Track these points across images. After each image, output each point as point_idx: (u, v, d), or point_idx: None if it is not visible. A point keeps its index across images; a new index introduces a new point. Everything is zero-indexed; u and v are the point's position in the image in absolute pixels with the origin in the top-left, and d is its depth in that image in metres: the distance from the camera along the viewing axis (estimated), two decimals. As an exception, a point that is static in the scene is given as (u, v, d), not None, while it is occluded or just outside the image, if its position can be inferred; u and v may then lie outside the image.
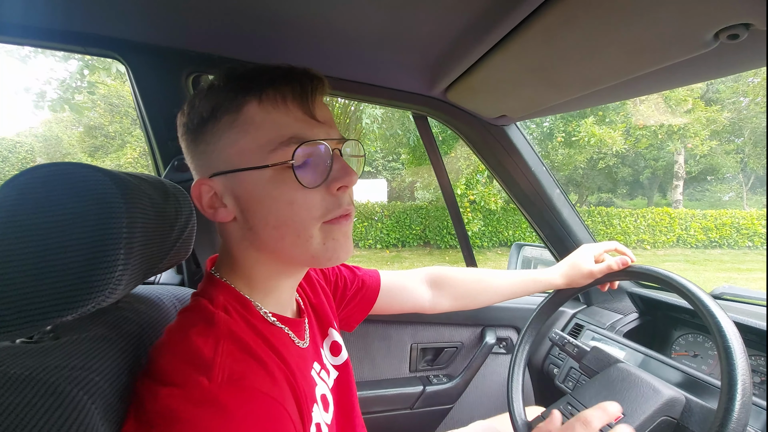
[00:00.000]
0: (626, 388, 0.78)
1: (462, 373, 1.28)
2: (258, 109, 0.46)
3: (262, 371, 0.45)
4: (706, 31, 0.48)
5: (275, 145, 0.46)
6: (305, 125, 0.47)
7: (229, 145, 0.47)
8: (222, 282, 0.53)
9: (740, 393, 0.56)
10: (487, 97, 0.88)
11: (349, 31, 0.72)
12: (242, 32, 0.76)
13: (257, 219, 0.48)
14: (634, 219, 10.61)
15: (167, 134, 0.89)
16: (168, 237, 0.59)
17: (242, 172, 0.47)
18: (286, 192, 0.47)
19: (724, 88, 13.57)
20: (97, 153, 13.78)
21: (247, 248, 0.52)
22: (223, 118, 0.46)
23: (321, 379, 0.60)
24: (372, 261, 8.99)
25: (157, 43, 0.81)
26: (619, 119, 10.70)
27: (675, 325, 1.12)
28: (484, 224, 9.72)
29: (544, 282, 0.92)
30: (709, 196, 18.56)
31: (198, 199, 0.50)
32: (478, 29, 0.65)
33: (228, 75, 0.48)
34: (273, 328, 0.53)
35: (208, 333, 0.45)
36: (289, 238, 0.48)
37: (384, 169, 17.25)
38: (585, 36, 0.57)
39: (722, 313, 0.64)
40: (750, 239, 10.70)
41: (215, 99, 0.47)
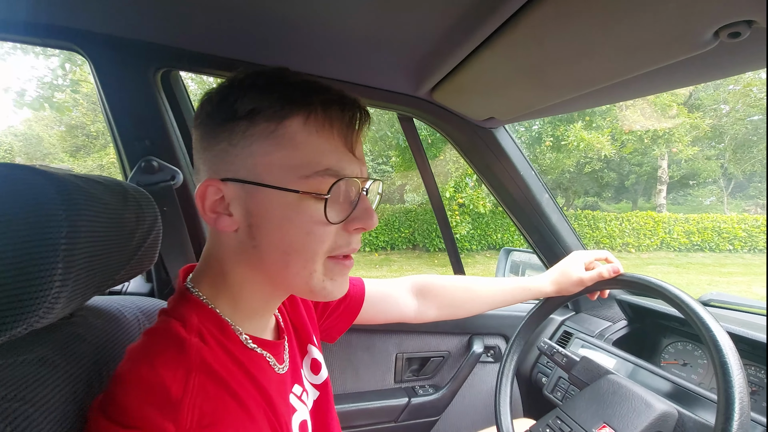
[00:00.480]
0: (617, 402, 0.76)
1: (449, 383, 1.24)
2: (302, 127, 0.43)
3: (238, 409, 0.41)
4: (706, 29, 0.45)
5: (310, 172, 0.43)
6: (344, 158, 0.45)
7: (260, 154, 0.43)
8: (198, 300, 0.48)
9: (738, 412, 0.54)
10: (474, 98, 0.85)
11: (332, 28, 0.68)
12: (218, 27, 0.72)
13: (266, 239, 0.45)
14: (619, 222, 10.78)
15: (134, 133, 0.83)
16: (127, 245, 0.54)
17: (265, 187, 0.43)
18: (306, 221, 0.44)
19: (705, 95, 13.92)
20: (78, 153, 13.47)
21: (242, 264, 0.47)
22: (261, 124, 0.43)
23: (302, 403, 0.56)
24: (361, 264, 8.93)
25: (122, 35, 0.75)
26: (605, 124, 10.86)
27: (664, 332, 1.10)
28: (472, 227, 9.75)
29: (533, 290, 0.89)
30: (691, 200, 18.98)
31: (201, 199, 0.45)
32: (464, 27, 0.62)
33: (276, 78, 0.45)
34: (251, 354, 0.49)
35: (177, 364, 0.40)
36: (294, 267, 0.46)
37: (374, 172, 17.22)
38: (577, 34, 0.54)
39: (717, 326, 0.62)
40: (730, 243, 10.96)
41: (257, 99, 0.43)
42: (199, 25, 0.72)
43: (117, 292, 1.01)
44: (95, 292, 0.51)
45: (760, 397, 0.86)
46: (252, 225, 0.45)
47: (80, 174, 0.50)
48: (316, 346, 0.67)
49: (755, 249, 11.02)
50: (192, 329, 0.44)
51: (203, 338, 0.44)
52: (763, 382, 0.86)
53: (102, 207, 0.48)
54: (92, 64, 0.79)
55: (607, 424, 0.73)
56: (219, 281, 0.49)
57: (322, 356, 0.68)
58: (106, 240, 0.48)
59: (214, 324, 0.46)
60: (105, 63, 0.79)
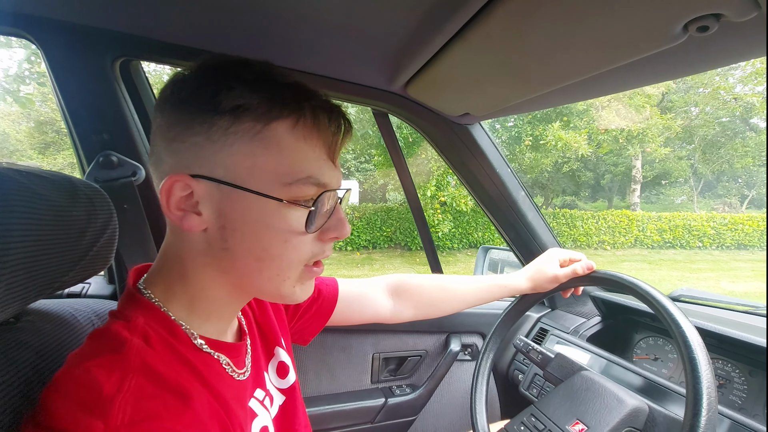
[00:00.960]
0: (590, 398, 0.76)
1: (426, 382, 1.23)
2: (290, 132, 0.41)
3: (182, 407, 0.38)
4: (675, 23, 0.45)
5: (292, 180, 0.41)
6: (325, 167, 0.44)
7: (242, 155, 0.40)
8: (148, 302, 0.44)
9: (705, 407, 0.54)
10: (448, 94, 0.84)
11: (302, 19, 0.66)
12: (181, 15, 0.68)
13: (240, 243, 0.42)
14: (595, 221, 11.07)
15: (90, 126, 0.78)
16: (76, 245, 0.50)
17: (243, 191, 0.41)
18: (285, 230, 0.43)
19: (676, 98, 14.43)
20: (48, 150, 12.92)
21: (207, 266, 0.45)
22: (246, 123, 0.40)
23: (264, 408, 0.53)
24: (342, 263, 8.89)
25: (76, 21, 0.71)
26: (582, 124, 11.12)
27: (636, 328, 1.12)
28: (454, 226, 9.83)
29: (509, 287, 0.89)
30: (664, 199, 19.68)
31: (166, 194, 0.41)
32: (436, 19, 0.60)
33: (265, 74, 0.42)
34: (205, 357, 0.46)
35: (113, 366, 0.37)
36: (267, 274, 0.44)
37: (356, 171, 17.15)
38: (548, 28, 0.53)
39: (686, 322, 0.62)
40: (700, 240, 11.42)
41: (245, 96, 0.40)
42: (161, 13, 0.68)
43: (76, 294, 0.96)
44: (39, 295, 0.47)
45: (728, 390, 0.87)
46: (225, 227, 0.42)
47: (22, 168, 0.46)
48: (285, 348, 0.65)
49: (723, 246, 11.51)
50: (136, 331, 0.40)
51: (148, 340, 0.41)
52: (729, 375, 0.88)
53: (44, 203, 0.44)
54: (44, 52, 0.74)
55: (580, 421, 0.73)
56: (175, 282, 0.46)
57: (290, 359, 0.65)
58: (50, 239, 0.45)
59: (162, 326, 0.43)
60: (58, 51, 0.74)
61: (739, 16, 0.41)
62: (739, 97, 13.54)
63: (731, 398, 0.86)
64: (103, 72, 0.76)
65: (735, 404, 0.85)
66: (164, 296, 0.45)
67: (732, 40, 0.47)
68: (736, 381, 0.87)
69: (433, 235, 9.62)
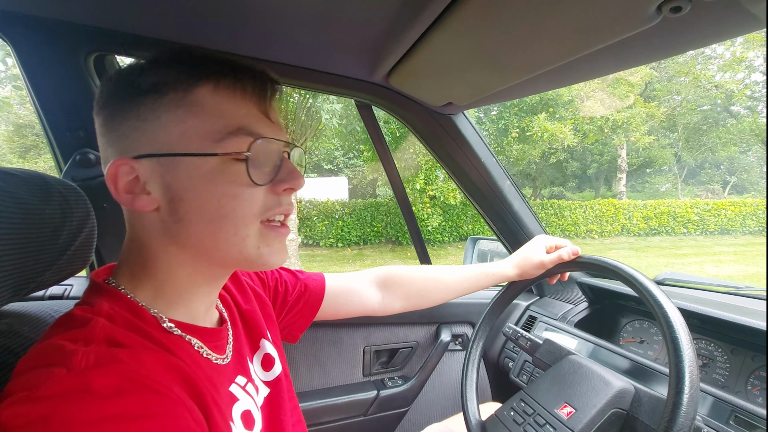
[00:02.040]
0: (577, 381, 0.77)
1: (418, 373, 1.24)
2: (212, 94, 0.42)
3: (144, 355, 0.37)
4: (649, 4, 0.45)
5: (223, 135, 0.42)
6: (258, 121, 0.45)
7: (171, 124, 0.42)
8: (113, 289, 0.44)
9: (688, 385, 0.55)
10: (430, 83, 0.83)
11: (279, 10, 0.64)
12: (154, 6, 0.66)
13: (190, 211, 0.43)
14: (583, 210, 11.22)
15: (65, 124, 0.76)
16: (51, 245, 0.49)
17: (181, 157, 0.42)
18: (230, 185, 0.43)
19: (659, 86, 14.64)
20: (28, 154, 12.61)
21: (167, 245, 0.45)
22: (169, 94, 0.41)
23: (247, 394, 0.52)
24: (333, 260, 8.87)
25: (46, 15, 0.68)
26: (568, 115, 11.22)
27: (622, 312, 1.14)
28: (444, 219, 9.87)
29: (497, 275, 0.90)
30: (649, 187, 20.03)
31: (113, 181, 0.42)
32: (415, 5, 0.60)
33: (179, 53, 0.44)
34: (175, 339, 0.45)
35: (76, 336, 0.36)
36: (223, 234, 0.44)
37: (345, 167, 17.09)
38: (526, 12, 0.52)
39: (669, 303, 0.63)
40: (684, 226, 11.66)
41: (160, 74, 0.42)
42: (134, 5, 0.66)
43: (58, 296, 0.94)
44: (13, 296, 0.46)
45: (711, 369, 0.89)
46: (174, 199, 0.42)
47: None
48: (270, 341, 0.64)
49: (706, 231, 11.78)
50: (100, 313, 0.40)
51: (113, 320, 0.40)
52: (712, 355, 0.90)
53: (12, 203, 0.43)
54: (14, 48, 0.71)
55: (568, 404, 0.74)
56: (140, 269, 0.45)
57: (277, 353, 0.64)
58: (21, 239, 0.44)
59: (127, 310, 0.43)
60: (29, 47, 0.72)
61: (710, -5, 0.41)
62: (719, 85, 13.81)
63: (714, 376, 0.88)
64: (76, 67, 0.74)
65: (718, 382, 0.87)
66: (130, 284, 0.45)
67: (704, 20, 0.48)
68: (718, 360, 0.89)
69: (423, 228, 9.65)
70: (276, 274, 0.74)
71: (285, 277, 0.75)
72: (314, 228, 9.76)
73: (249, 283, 0.67)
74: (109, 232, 0.81)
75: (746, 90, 14.21)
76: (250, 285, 0.67)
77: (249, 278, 0.68)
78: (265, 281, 0.72)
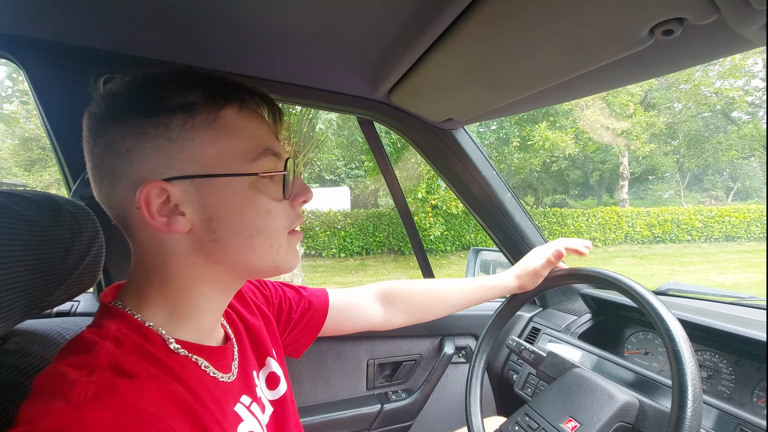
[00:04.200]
0: (582, 394, 0.77)
1: (421, 386, 1.23)
2: (238, 116, 0.45)
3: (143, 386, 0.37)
4: (642, 27, 0.47)
5: (256, 155, 0.45)
6: (275, 141, 0.49)
7: (206, 145, 0.42)
8: (120, 311, 0.44)
9: (691, 399, 0.55)
10: (431, 100, 0.85)
11: (278, 30, 0.66)
12: (161, 30, 0.68)
13: (229, 229, 0.44)
14: (585, 218, 11.18)
15: (75, 144, 0.78)
16: (61, 264, 0.50)
17: (219, 177, 0.43)
18: (263, 202, 0.46)
19: (659, 95, 14.70)
20: (33, 167, 12.73)
21: (194, 264, 0.45)
22: (200, 115, 0.42)
23: (252, 414, 0.52)
24: (336, 270, 8.85)
25: (56, 40, 0.71)
26: (569, 124, 11.27)
27: (626, 323, 1.14)
28: (446, 228, 9.86)
29: (498, 287, 0.90)
30: (652, 194, 19.98)
31: (146, 205, 0.41)
32: (416, 26, 0.62)
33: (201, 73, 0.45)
34: (181, 360, 0.45)
35: (82, 363, 0.37)
36: (260, 249, 0.47)
37: (347, 177, 17.16)
38: (521, 33, 0.54)
39: (670, 315, 0.63)
40: (688, 233, 11.59)
41: (188, 94, 0.43)
42: (142, 29, 0.68)
43: (65, 313, 0.95)
44: (25, 316, 0.47)
45: (716, 380, 0.89)
46: (212, 219, 0.43)
47: (4, 189, 0.47)
48: (276, 359, 0.64)
49: (711, 238, 11.70)
50: (107, 336, 0.40)
51: (120, 344, 0.40)
52: (717, 366, 0.90)
53: (26, 225, 0.44)
54: (26, 71, 0.74)
55: (573, 418, 0.74)
56: (152, 290, 0.45)
57: (282, 371, 0.65)
58: (34, 260, 0.45)
59: (134, 331, 0.43)
60: (39, 70, 0.74)
61: (700, 20, 0.43)
62: (719, 92, 13.86)
63: (720, 389, 0.88)
64: (86, 89, 0.76)
65: (723, 394, 0.87)
66: (137, 304, 0.45)
67: (696, 42, 0.49)
68: (723, 371, 0.88)
69: (426, 238, 9.64)
70: (280, 291, 0.74)
71: (289, 294, 0.75)
72: (316, 239, 9.76)
73: (254, 300, 0.67)
74: (116, 249, 0.82)
75: (746, 96, 14.26)
76: (254, 302, 0.67)
77: (253, 296, 0.68)
78: (270, 298, 0.71)
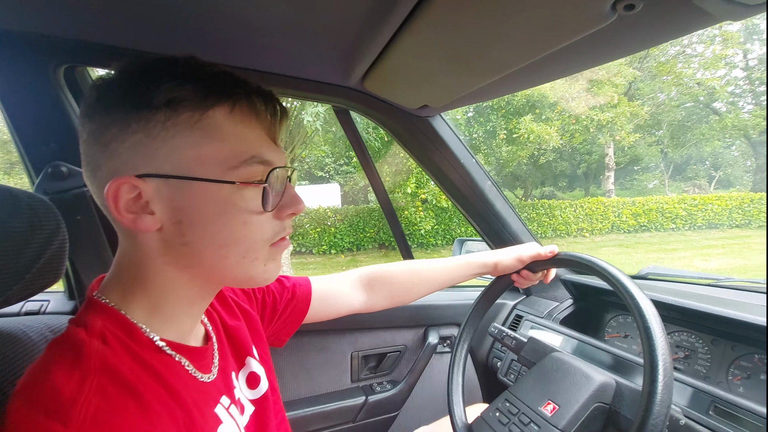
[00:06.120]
0: (560, 377, 0.77)
1: (406, 377, 1.23)
2: (227, 117, 0.42)
3: (139, 411, 0.37)
4: (603, 2, 0.46)
5: (238, 162, 0.42)
6: (267, 147, 0.45)
7: (186, 147, 0.40)
8: (105, 305, 0.43)
9: (662, 374, 0.56)
10: (405, 86, 0.84)
11: (245, 17, 0.65)
12: (123, 17, 0.66)
13: (200, 235, 0.43)
14: (573, 209, 11.34)
15: (37, 137, 0.76)
16: (17, 257, 0.49)
17: (194, 181, 0.41)
18: (241, 212, 0.43)
19: (643, 85, 14.91)
20: (13, 170, 12.44)
21: (167, 264, 0.44)
22: (184, 114, 0.40)
23: (230, 416, 0.52)
24: (327, 267, 8.83)
25: (14, 28, 0.68)
26: (554, 116, 11.37)
27: (606, 308, 1.15)
28: (436, 222, 9.89)
29: (477, 263, 0.90)
30: (637, 184, 20.32)
31: (114, 199, 0.40)
32: (383, 7, 0.60)
33: (193, 67, 0.42)
34: (165, 359, 0.45)
35: (73, 367, 0.36)
36: (233, 258, 0.44)
37: (336, 174, 17.08)
38: (486, 15, 0.53)
39: (641, 294, 0.64)
40: (673, 222, 11.84)
41: (175, 90, 0.40)
42: (102, 16, 0.66)
43: (34, 312, 0.93)
44: None
45: (693, 360, 0.90)
46: (182, 222, 0.42)
47: None
48: (257, 359, 0.64)
49: (694, 226, 11.96)
50: (94, 333, 0.40)
51: (106, 341, 0.40)
52: (693, 346, 0.91)
53: None
54: None
55: (552, 401, 0.74)
56: (134, 287, 0.44)
57: (264, 369, 0.64)
58: None
59: (120, 328, 0.42)
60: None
61: (660, -8, 0.42)
62: (701, 83, 14.11)
63: (696, 368, 0.89)
64: (46, 80, 0.74)
65: (700, 373, 0.88)
66: (122, 301, 0.44)
67: (659, 17, 0.49)
68: (699, 351, 0.90)
69: (416, 233, 9.66)
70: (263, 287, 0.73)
71: (271, 286, 0.74)
72: (306, 236, 9.72)
73: (234, 299, 0.66)
74: (84, 245, 0.80)
75: (727, 86, 14.54)
76: (235, 301, 0.66)
77: (234, 294, 0.67)
78: (252, 296, 0.71)
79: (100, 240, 0.81)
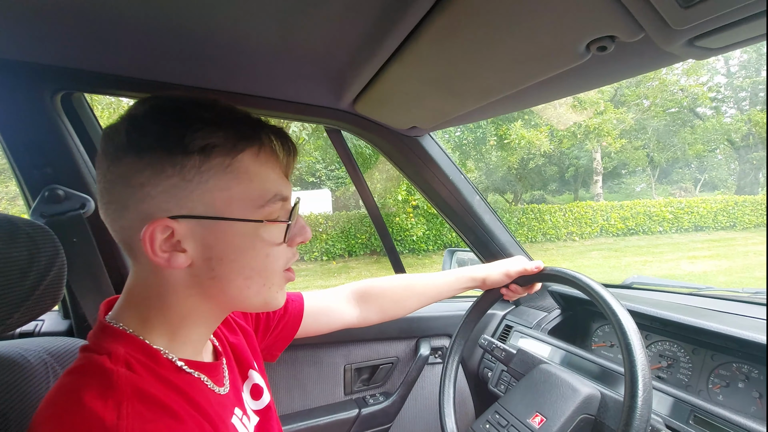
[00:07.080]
0: (548, 390, 0.80)
1: (399, 388, 1.25)
2: (254, 160, 0.45)
3: (177, 426, 0.39)
4: (579, 43, 0.50)
5: (264, 201, 0.46)
6: (284, 184, 0.49)
7: (218, 189, 0.43)
8: (123, 332, 0.45)
9: (641, 388, 0.58)
10: (394, 109, 0.87)
11: (238, 43, 0.67)
12: (116, 44, 0.67)
13: (229, 269, 0.46)
14: (563, 213, 11.47)
15: (32, 161, 0.77)
16: (17, 286, 0.50)
17: (227, 221, 0.44)
18: (264, 246, 0.47)
19: (629, 92, 15.20)
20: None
21: (191, 296, 0.47)
22: (216, 159, 0.43)
23: (243, 426, 0.55)
24: (319, 273, 8.80)
25: (10, 57, 0.69)
26: (543, 122, 11.53)
27: (593, 317, 1.18)
28: (427, 228, 9.94)
29: (466, 276, 0.92)
30: (625, 188, 20.62)
31: (150, 242, 0.42)
32: (375, 38, 0.63)
33: (221, 112, 0.45)
34: (187, 377, 0.47)
35: (106, 396, 0.37)
36: (255, 288, 0.48)
37: (328, 179, 17.06)
38: (471, 46, 0.57)
39: (621, 309, 0.66)
40: (660, 225, 12.04)
41: (210, 136, 0.42)
42: (95, 45, 0.67)
43: (29, 333, 0.93)
44: None
45: (675, 369, 0.94)
46: (212, 258, 0.45)
47: None
48: (258, 371, 0.66)
49: (681, 229, 12.18)
50: (118, 360, 0.41)
51: (131, 367, 0.41)
52: (675, 356, 0.94)
53: None
54: None
55: (539, 413, 0.77)
56: (153, 314, 0.46)
57: (264, 381, 0.66)
58: None
59: (142, 353, 0.44)
60: None
61: (629, 38, 0.46)
62: (684, 89, 14.45)
63: (678, 377, 0.92)
64: (42, 107, 0.75)
65: (682, 382, 0.91)
66: (142, 327, 0.46)
67: (629, 57, 0.53)
68: (681, 360, 0.93)
69: (408, 238, 9.69)
70: None
71: None
72: (298, 243, 9.67)
73: (233, 317, 0.69)
74: (80, 268, 0.81)
75: (710, 92, 14.90)
76: (234, 320, 0.68)
77: (233, 313, 0.69)
78: (246, 312, 0.72)
79: (96, 261, 0.82)
